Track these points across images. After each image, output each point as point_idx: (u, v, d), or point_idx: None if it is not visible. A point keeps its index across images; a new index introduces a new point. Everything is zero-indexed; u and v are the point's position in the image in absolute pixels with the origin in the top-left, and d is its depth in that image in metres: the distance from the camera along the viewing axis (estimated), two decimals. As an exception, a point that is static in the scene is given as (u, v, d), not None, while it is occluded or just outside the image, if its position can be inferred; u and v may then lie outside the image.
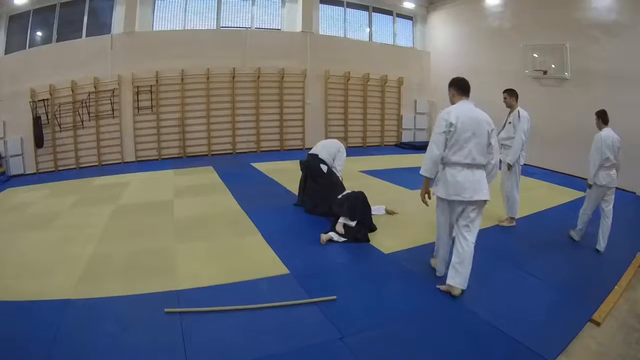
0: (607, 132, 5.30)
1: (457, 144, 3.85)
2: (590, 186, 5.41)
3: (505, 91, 6.27)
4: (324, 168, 6.64)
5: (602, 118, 5.43)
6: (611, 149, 5.19)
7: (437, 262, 4.45)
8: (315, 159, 6.73)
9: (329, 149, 6.89)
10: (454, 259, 3.97)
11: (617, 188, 5.48)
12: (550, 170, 10.69)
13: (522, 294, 4.16)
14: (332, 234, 5.48)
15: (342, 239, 5.43)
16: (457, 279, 3.92)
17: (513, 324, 3.51)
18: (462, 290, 3.96)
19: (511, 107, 6.24)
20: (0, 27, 11.39)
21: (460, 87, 4.09)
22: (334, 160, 6.81)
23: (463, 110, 3.90)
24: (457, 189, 3.88)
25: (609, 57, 9.57)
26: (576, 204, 7.68)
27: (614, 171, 5.31)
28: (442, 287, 4.08)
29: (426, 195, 4.18)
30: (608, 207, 5.36)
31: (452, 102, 4.12)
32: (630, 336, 3.47)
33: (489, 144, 3.93)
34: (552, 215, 6.95)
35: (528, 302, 3.97)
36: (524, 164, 6.34)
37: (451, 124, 3.82)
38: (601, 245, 5.28)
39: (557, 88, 10.95)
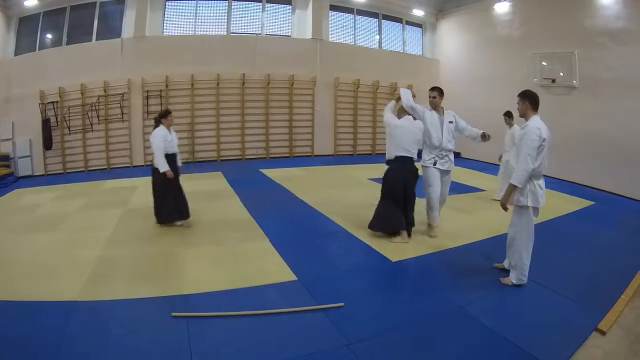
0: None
1: (544, 157, 4.15)
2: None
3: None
4: None
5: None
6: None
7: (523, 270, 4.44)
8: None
9: None
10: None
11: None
12: (558, 179, 10.59)
13: (529, 302, 4.14)
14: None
15: None
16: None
17: (519, 333, 3.50)
18: None
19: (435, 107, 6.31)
20: (10, 28, 11.58)
21: (535, 102, 4.29)
22: None
23: (544, 126, 4.13)
24: (542, 196, 4.26)
25: (618, 65, 9.54)
26: (585, 213, 7.68)
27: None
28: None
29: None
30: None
31: (524, 114, 4.33)
32: (635, 345, 3.44)
33: None
34: (560, 225, 6.87)
35: (534, 311, 3.95)
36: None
37: (544, 139, 4.07)
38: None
39: (566, 96, 10.87)
